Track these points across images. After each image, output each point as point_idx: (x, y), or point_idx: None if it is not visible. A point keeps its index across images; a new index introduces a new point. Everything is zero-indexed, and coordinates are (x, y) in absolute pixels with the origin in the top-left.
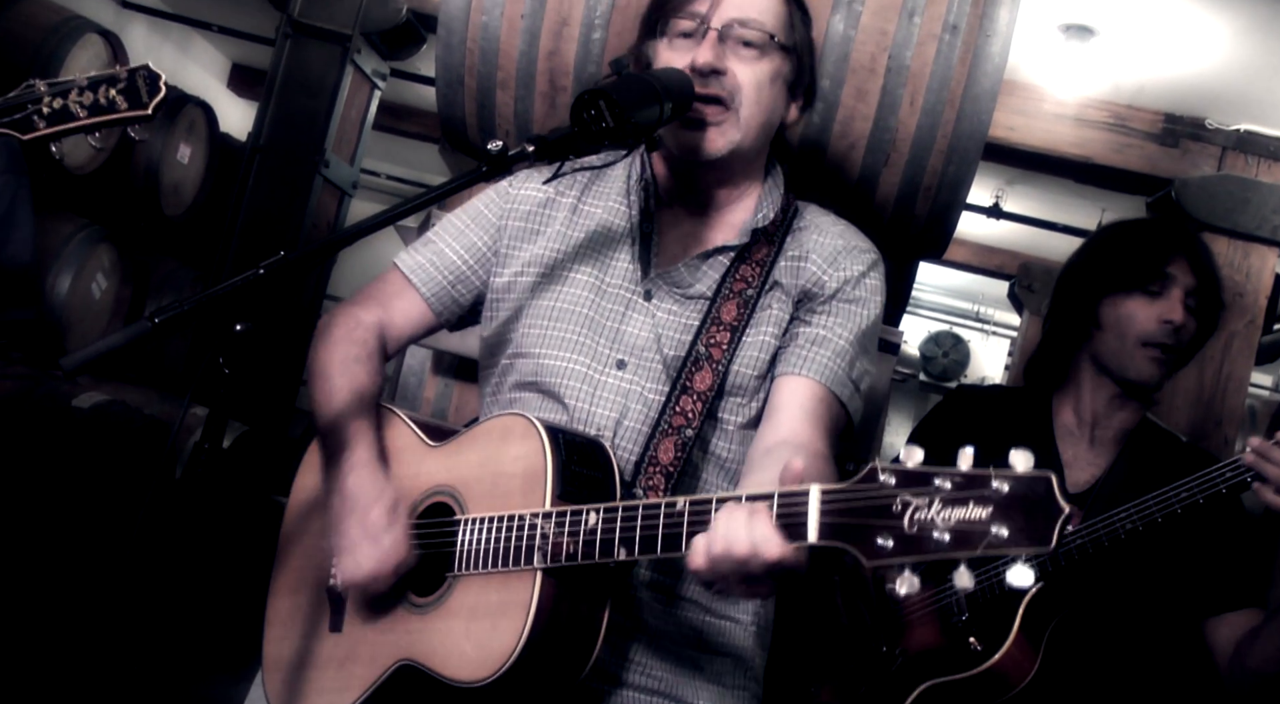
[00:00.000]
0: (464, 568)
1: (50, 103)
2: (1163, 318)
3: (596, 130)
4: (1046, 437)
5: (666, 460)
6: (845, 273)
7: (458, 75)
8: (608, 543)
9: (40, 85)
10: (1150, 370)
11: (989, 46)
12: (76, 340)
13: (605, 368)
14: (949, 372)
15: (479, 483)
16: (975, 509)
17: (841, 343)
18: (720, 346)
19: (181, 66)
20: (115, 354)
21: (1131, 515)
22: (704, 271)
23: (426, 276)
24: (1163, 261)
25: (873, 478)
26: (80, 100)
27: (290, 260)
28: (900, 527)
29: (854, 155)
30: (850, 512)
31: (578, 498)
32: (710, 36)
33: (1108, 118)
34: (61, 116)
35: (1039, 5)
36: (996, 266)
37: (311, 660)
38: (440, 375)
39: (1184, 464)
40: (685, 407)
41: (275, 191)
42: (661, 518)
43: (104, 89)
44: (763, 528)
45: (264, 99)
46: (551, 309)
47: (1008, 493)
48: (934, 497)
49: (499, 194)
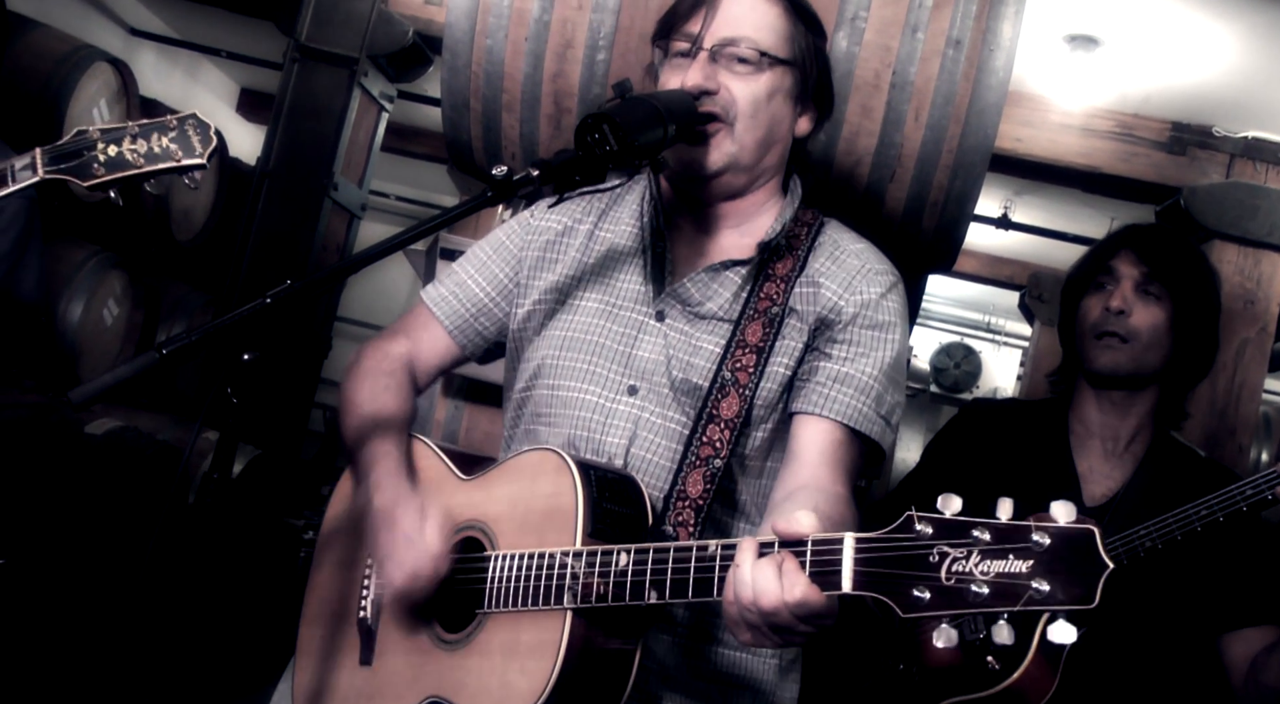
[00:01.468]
0: (494, 605)
1: (105, 149)
2: (1105, 306)
3: (601, 154)
4: (1063, 449)
5: (695, 494)
6: (862, 296)
7: (463, 99)
8: (639, 585)
9: (93, 131)
10: (1106, 357)
11: (993, 61)
12: (88, 366)
13: (616, 395)
14: (961, 383)
15: (510, 519)
16: (1016, 562)
17: (865, 379)
18: (747, 370)
19: (190, 92)
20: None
21: (1152, 533)
22: (714, 289)
23: (449, 309)
24: (1108, 257)
25: (909, 527)
26: (135, 147)
27: (297, 289)
28: (937, 578)
29: (860, 171)
30: (885, 561)
31: (609, 535)
32: (701, 57)
33: (1114, 127)
34: (119, 164)
35: (1044, 16)
36: (1006, 277)
37: (339, 693)
38: (450, 398)
39: (1202, 479)
40: (713, 436)
41: (285, 215)
42: (693, 561)
43: (156, 137)
44: (791, 573)
45: (272, 123)
46: (564, 339)
47: (1049, 546)
48: (972, 548)
49: (520, 225)
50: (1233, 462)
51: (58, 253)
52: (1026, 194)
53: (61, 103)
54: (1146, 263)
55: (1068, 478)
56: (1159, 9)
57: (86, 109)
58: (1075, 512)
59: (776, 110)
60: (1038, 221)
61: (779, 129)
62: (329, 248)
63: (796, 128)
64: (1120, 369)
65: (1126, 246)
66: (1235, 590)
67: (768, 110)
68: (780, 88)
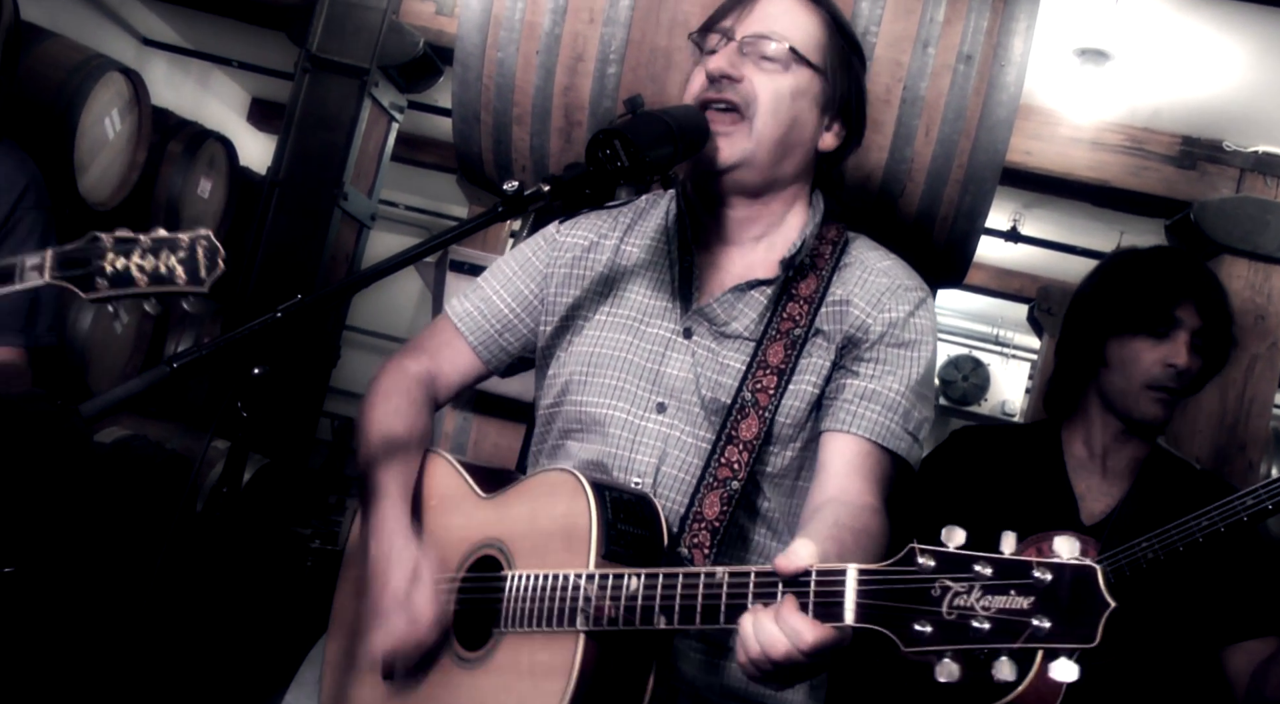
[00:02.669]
0: (509, 625)
1: (114, 262)
2: (1167, 361)
3: (612, 169)
4: (1058, 469)
5: (712, 516)
6: (891, 314)
7: (474, 112)
8: (648, 610)
9: (105, 239)
10: (1155, 411)
11: (1004, 76)
12: (98, 375)
13: (645, 412)
14: (969, 396)
15: (526, 538)
16: (1017, 598)
17: (892, 395)
18: (767, 392)
19: (202, 101)
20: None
21: (1153, 544)
22: (740, 309)
23: (474, 324)
24: (1170, 304)
25: (911, 560)
26: (142, 264)
27: (307, 303)
28: (939, 613)
29: (870, 185)
30: (888, 594)
31: (623, 557)
32: (730, 46)
33: (1124, 141)
34: (123, 280)
35: (1054, 30)
36: (1015, 290)
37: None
38: (459, 409)
39: (1199, 492)
40: (731, 458)
41: (295, 225)
42: (701, 588)
43: (165, 254)
44: (792, 620)
45: (283, 133)
46: (592, 355)
47: (1050, 582)
48: (974, 582)
49: (546, 240)
50: (1242, 477)
51: None
52: (1036, 207)
53: (74, 112)
54: (1204, 315)
55: (1065, 499)
56: (1169, 23)
57: (99, 118)
58: (1079, 547)
59: (800, 112)
60: (1047, 235)
61: (800, 132)
62: (339, 257)
63: (821, 141)
64: (1161, 421)
65: (1189, 296)
66: (1236, 603)
67: (790, 109)
68: (805, 91)
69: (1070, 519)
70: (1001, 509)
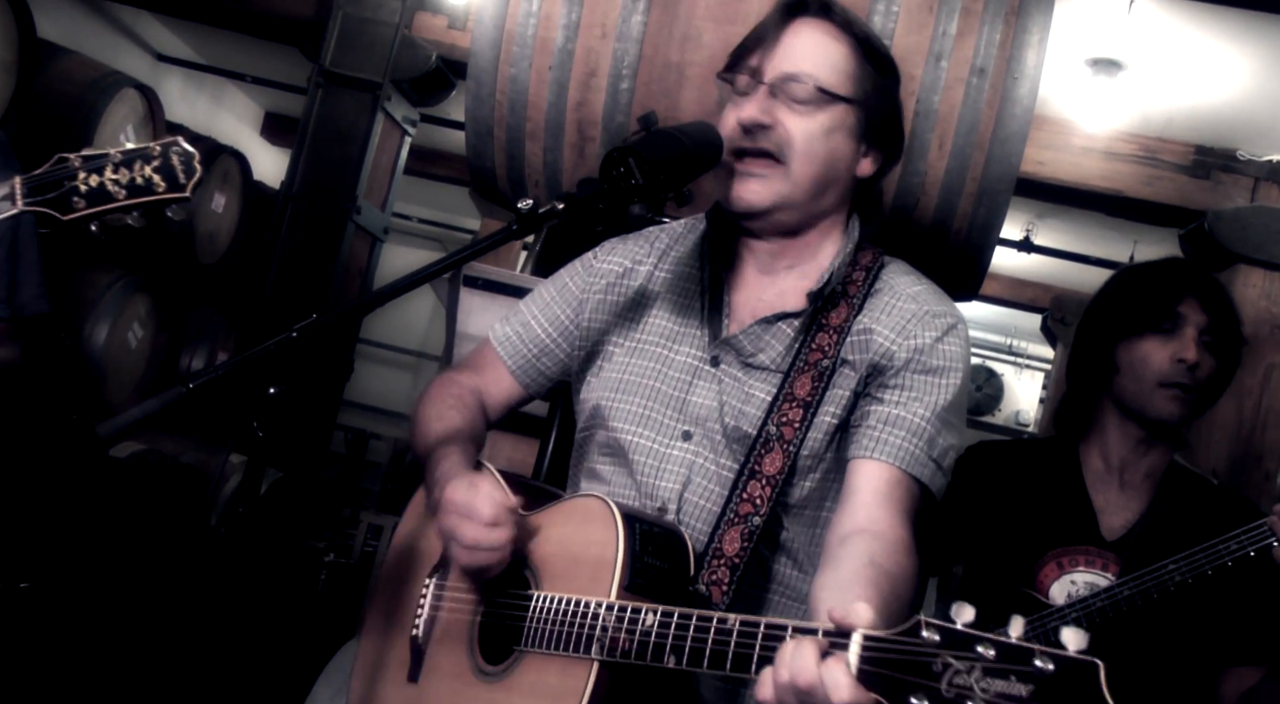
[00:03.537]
0: (530, 644)
1: (86, 180)
2: (1176, 356)
3: (625, 187)
4: (1077, 485)
5: (731, 552)
6: (916, 341)
7: (487, 127)
8: (660, 648)
9: (74, 160)
10: (1171, 408)
11: (1017, 89)
12: (114, 389)
13: (671, 440)
14: (983, 406)
15: (555, 560)
16: (1016, 684)
17: (917, 421)
18: (793, 425)
19: (216, 116)
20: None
21: (1180, 567)
22: (766, 341)
23: (513, 349)
24: (1174, 301)
25: (916, 631)
26: (117, 178)
27: (322, 322)
28: (938, 689)
29: (883, 199)
30: (889, 664)
31: (645, 590)
32: (760, 92)
33: (1137, 151)
34: (100, 196)
35: (1066, 41)
36: (1029, 300)
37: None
38: None
39: (1218, 507)
40: (753, 493)
41: (308, 239)
42: (711, 633)
43: (139, 166)
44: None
45: (296, 147)
46: (620, 381)
47: (1052, 673)
48: (975, 663)
49: (584, 266)
50: (1258, 487)
51: (83, 277)
52: (1049, 217)
53: (90, 128)
54: (1208, 312)
55: (1085, 513)
56: (1181, 33)
57: (114, 134)
58: (1086, 640)
59: (836, 148)
60: (1060, 245)
61: (837, 167)
62: (352, 271)
63: (859, 168)
64: (1179, 419)
65: (1191, 293)
66: (1235, 627)
67: (825, 147)
68: (840, 126)
69: (1090, 534)
70: (1020, 524)
